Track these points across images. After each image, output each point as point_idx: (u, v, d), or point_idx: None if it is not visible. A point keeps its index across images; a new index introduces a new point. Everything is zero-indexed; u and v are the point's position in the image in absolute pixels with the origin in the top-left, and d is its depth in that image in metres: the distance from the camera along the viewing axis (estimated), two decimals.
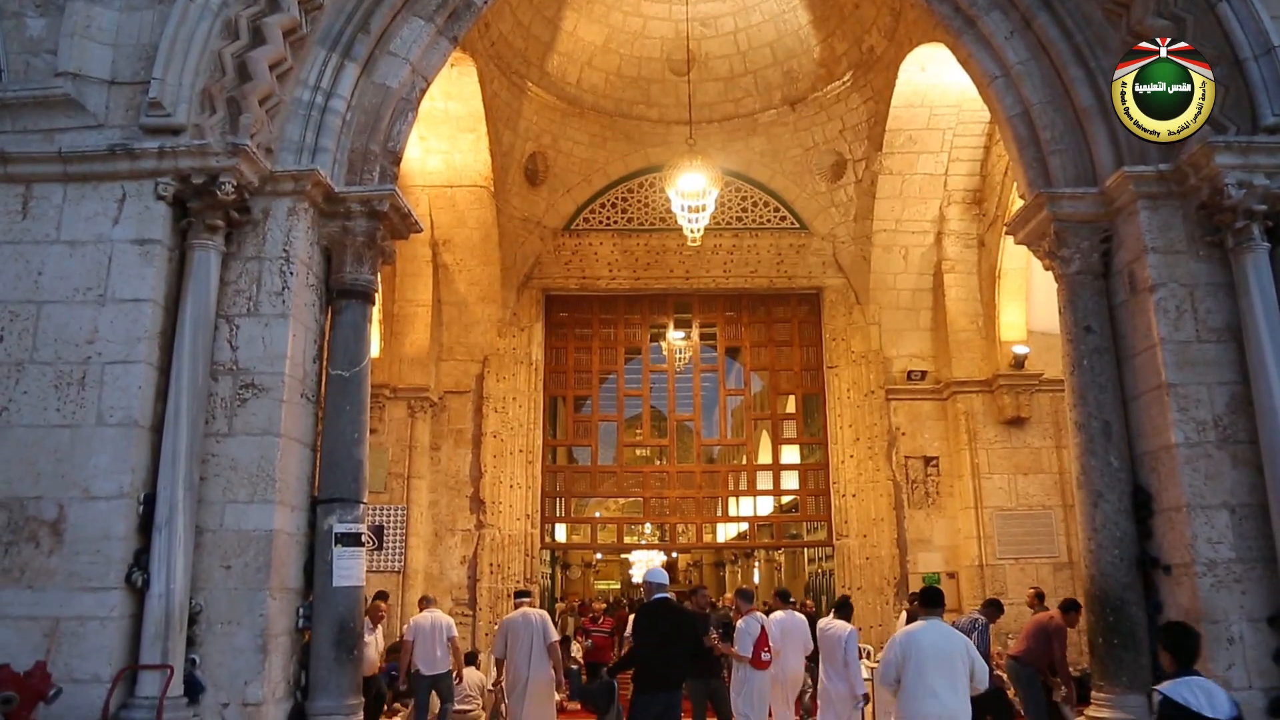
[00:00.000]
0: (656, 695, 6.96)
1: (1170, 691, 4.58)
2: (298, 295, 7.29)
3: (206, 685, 6.58)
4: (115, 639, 6.28)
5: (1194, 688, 4.63)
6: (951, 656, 6.10)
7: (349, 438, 7.52)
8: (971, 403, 13.69)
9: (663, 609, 7.37)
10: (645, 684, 7.04)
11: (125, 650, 6.35)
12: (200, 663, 6.60)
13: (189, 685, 6.50)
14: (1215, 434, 7.22)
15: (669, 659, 7.10)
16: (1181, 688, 4.62)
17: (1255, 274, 7.20)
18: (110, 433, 6.54)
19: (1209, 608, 6.95)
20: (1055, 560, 13.22)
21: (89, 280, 6.81)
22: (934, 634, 6.25)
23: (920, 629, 6.36)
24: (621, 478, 15.55)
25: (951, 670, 6.04)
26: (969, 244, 14.05)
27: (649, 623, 7.31)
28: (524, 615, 8.80)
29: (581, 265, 14.99)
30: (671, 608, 7.52)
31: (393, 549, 13.34)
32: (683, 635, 7.26)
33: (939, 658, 6.06)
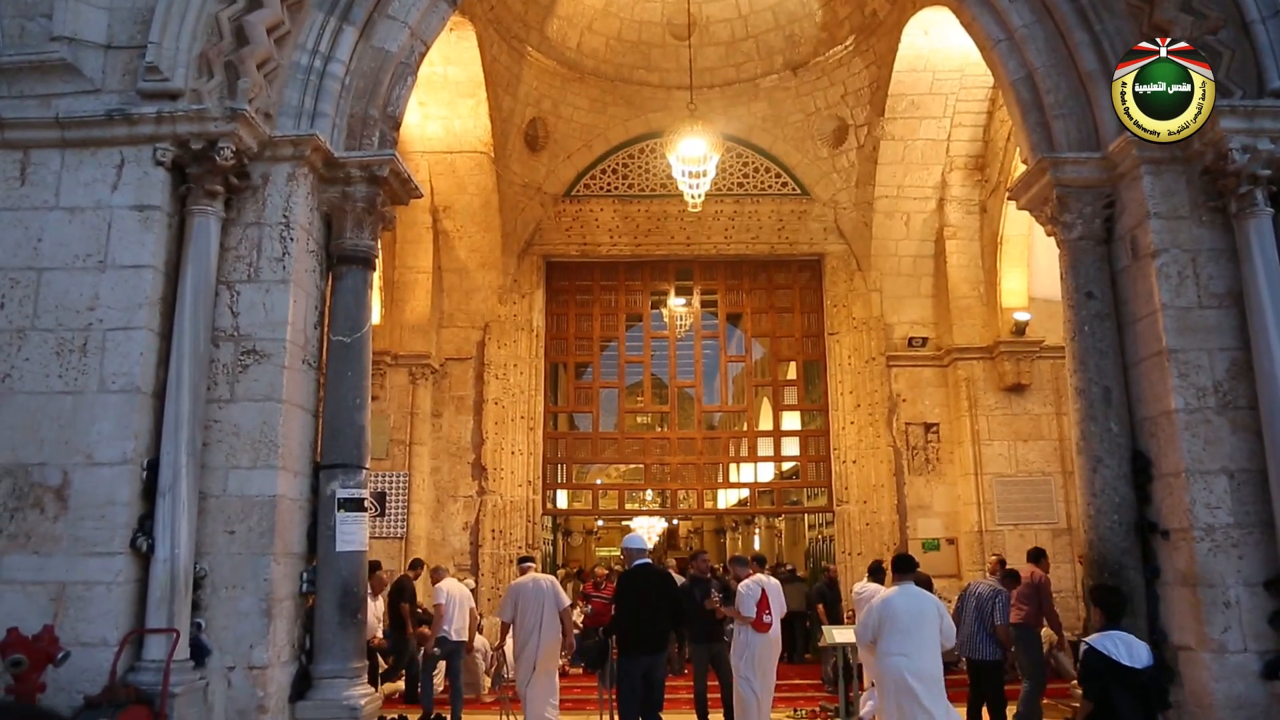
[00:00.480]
0: (639, 658, 7.22)
1: (1095, 643, 5.11)
2: (298, 261, 7.28)
3: (212, 649, 6.65)
4: (121, 603, 6.34)
5: (1116, 640, 5.15)
6: (923, 619, 6.58)
7: (351, 403, 7.54)
8: (972, 369, 13.70)
9: (643, 574, 7.58)
10: (628, 646, 7.29)
11: (131, 614, 6.42)
12: (205, 626, 6.68)
13: (195, 649, 6.58)
14: (1215, 400, 7.24)
15: (650, 622, 7.31)
16: (1105, 640, 5.12)
17: (1258, 240, 7.18)
18: (113, 399, 6.56)
19: (1206, 572, 7.01)
20: (1054, 526, 13.29)
21: (89, 247, 6.80)
22: (907, 598, 6.68)
23: (895, 594, 6.74)
24: (623, 444, 15.60)
25: (923, 631, 6.52)
26: (971, 210, 14.00)
27: (630, 588, 7.48)
28: (534, 581, 8.88)
29: (582, 231, 14.95)
30: (652, 573, 7.72)
31: (395, 515, 13.42)
32: (663, 599, 7.46)
33: (912, 620, 6.52)
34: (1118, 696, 4.85)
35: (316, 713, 6.99)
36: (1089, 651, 5.14)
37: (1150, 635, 7.46)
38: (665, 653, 7.58)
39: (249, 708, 6.62)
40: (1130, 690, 4.86)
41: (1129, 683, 4.86)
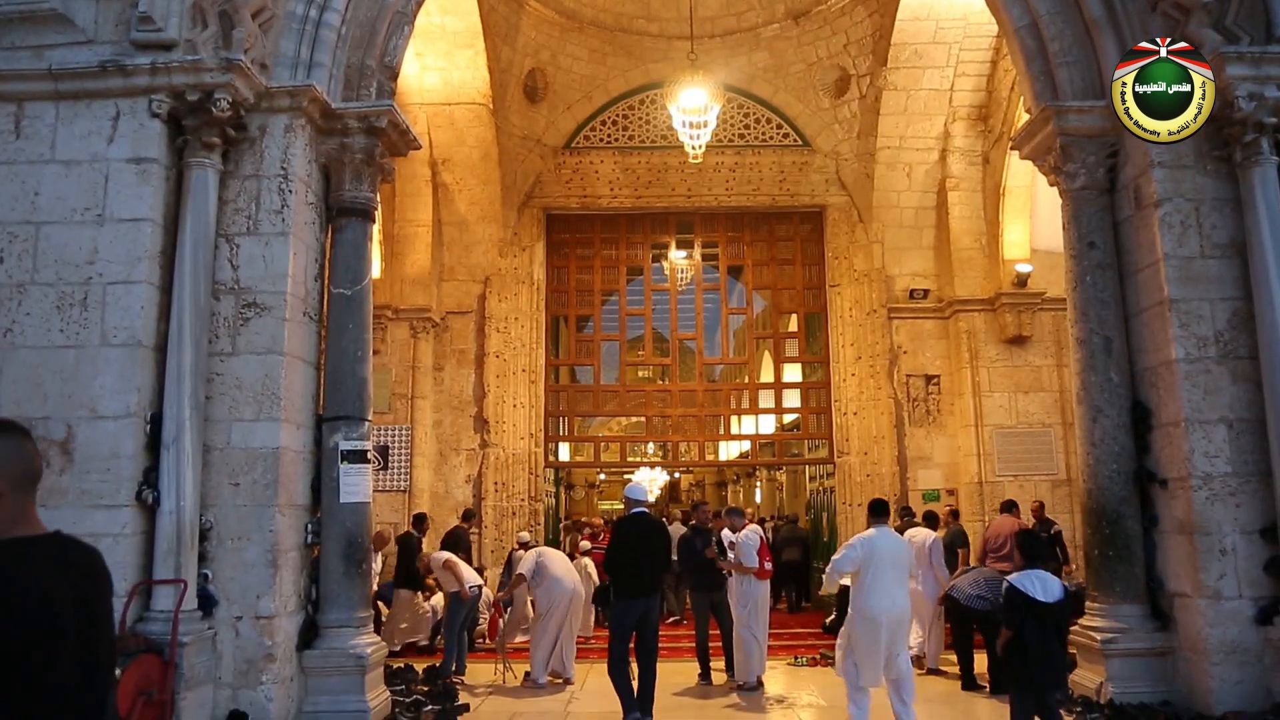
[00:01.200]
0: (634, 601, 7.39)
1: (1015, 581, 5.85)
2: (297, 213, 7.26)
3: (219, 599, 6.74)
4: (129, 555, 6.41)
5: (1033, 578, 5.83)
6: (900, 560, 7.08)
7: (352, 356, 7.56)
8: (973, 321, 13.68)
9: (639, 522, 7.75)
10: (624, 590, 7.48)
11: (139, 566, 6.50)
12: (212, 578, 6.76)
13: (202, 599, 6.67)
14: (1216, 350, 7.25)
15: (645, 567, 7.50)
16: (1024, 579, 5.82)
17: (1262, 189, 7.15)
18: (114, 353, 6.57)
19: (1203, 520, 7.08)
20: (1054, 478, 13.37)
21: (86, 200, 6.77)
22: (887, 540, 7.12)
23: (876, 535, 7.09)
24: (624, 397, 15.65)
25: (900, 571, 7.03)
26: (973, 161, 13.88)
27: (626, 534, 7.68)
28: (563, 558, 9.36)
29: (582, 184, 14.85)
30: (647, 520, 7.89)
31: (398, 469, 13.50)
32: (656, 546, 7.67)
33: (893, 560, 6.98)
34: (1030, 625, 5.64)
35: (323, 661, 7.10)
36: (1009, 588, 5.85)
37: (1147, 583, 7.57)
38: (659, 596, 7.78)
39: (257, 656, 6.72)
40: (1041, 620, 5.64)
41: (1041, 614, 5.62)
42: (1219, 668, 6.90)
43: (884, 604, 6.79)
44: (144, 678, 6.03)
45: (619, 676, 7.23)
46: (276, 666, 6.78)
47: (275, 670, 6.77)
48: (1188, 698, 7.14)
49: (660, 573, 7.75)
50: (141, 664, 6.03)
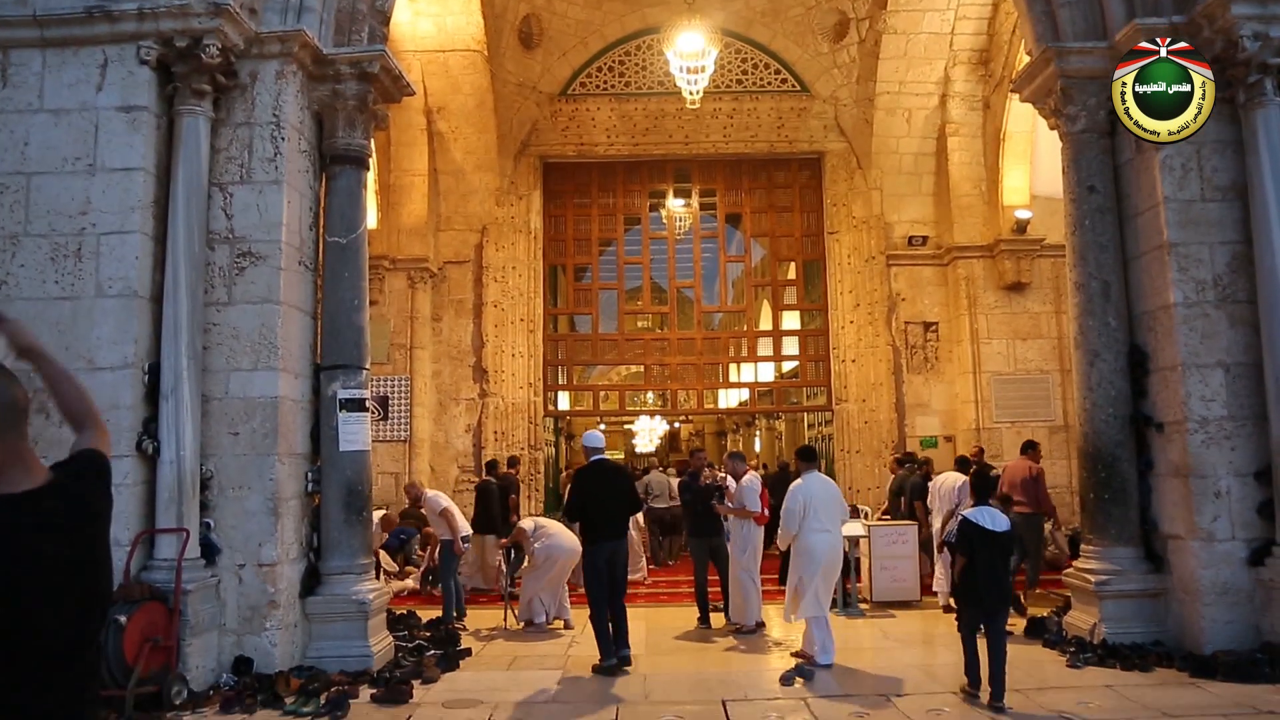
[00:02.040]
0: (603, 545, 7.69)
1: (968, 515, 6.52)
2: (290, 161, 7.19)
3: (222, 547, 6.81)
4: (131, 505, 6.45)
5: (984, 513, 6.49)
6: (832, 499, 7.79)
7: (349, 304, 7.54)
8: (972, 268, 13.64)
9: (600, 469, 7.99)
10: (592, 536, 7.77)
11: (141, 515, 6.55)
12: (214, 526, 6.82)
13: (205, 548, 6.73)
14: (1214, 293, 7.24)
15: (610, 511, 7.78)
16: (976, 513, 6.48)
17: (1265, 131, 7.09)
18: (110, 304, 6.56)
19: (1198, 463, 7.12)
20: (1051, 424, 13.42)
21: (77, 150, 6.71)
22: (818, 483, 7.85)
23: (808, 480, 7.84)
24: (623, 346, 15.63)
25: (833, 510, 7.75)
26: (974, 106, 13.73)
27: (589, 481, 7.92)
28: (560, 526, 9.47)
29: (579, 131, 14.71)
30: (608, 467, 8.16)
31: (398, 419, 13.55)
32: (618, 489, 7.95)
33: (826, 501, 7.73)
34: (981, 552, 6.37)
35: (326, 607, 7.19)
36: (963, 521, 6.55)
37: (1141, 525, 7.64)
38: (626, 539, 8.11)
39: (260, 603, 6.80)
40: (991, 548, 6.36)
41: (990, 543, 6.35)
42: (1210, 608, 6.99)
43: (820, 538, 7.58)
44: (149, 625, 6.12)
45: (599, 622, 7.54)
46: (280, 613, 6.86)
47: (279, 617, 6.85)
48: (1179, 637, 7.24)
49: (625, 515, 8.03)
50: (147, 611, 6.11)
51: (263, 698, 6.34)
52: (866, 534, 10.37)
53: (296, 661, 7.00)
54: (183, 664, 6.32)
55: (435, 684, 7.01)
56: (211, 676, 6.56)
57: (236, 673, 6.64)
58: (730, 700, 6.46)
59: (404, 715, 6.21)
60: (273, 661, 6.76)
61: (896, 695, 6.53)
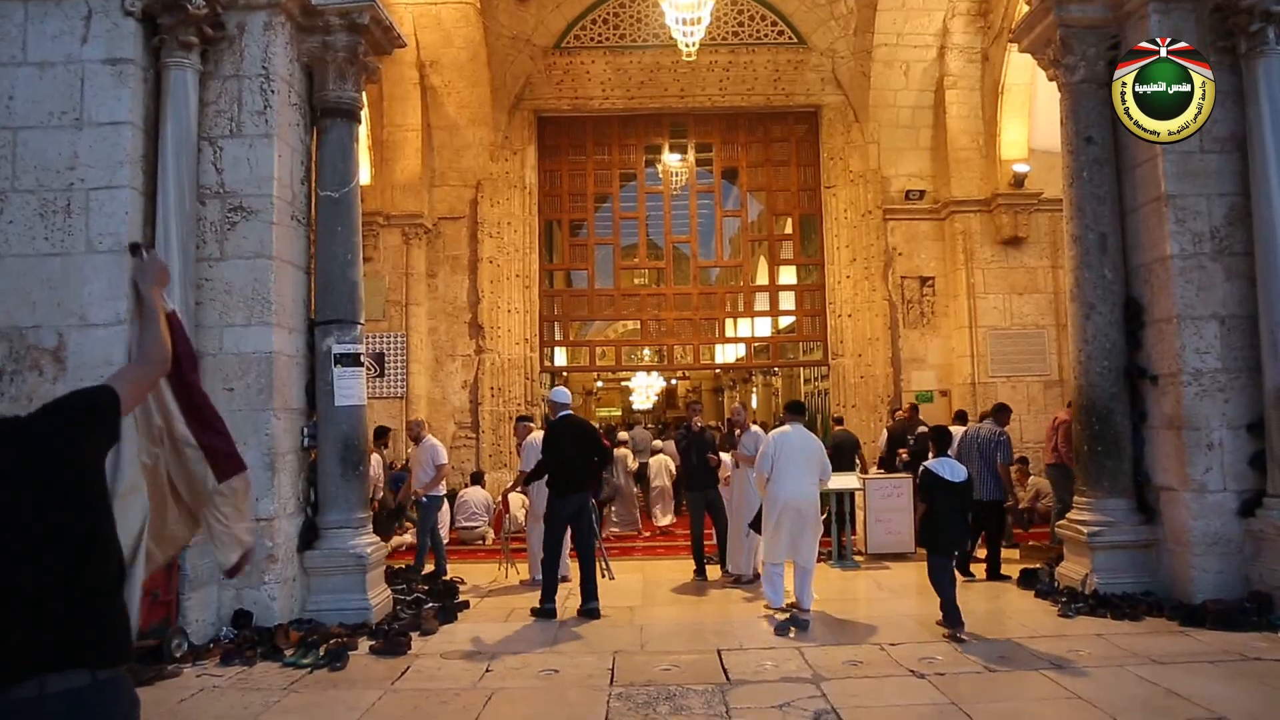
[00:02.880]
0: (570, 497, 7.96)
1: (930, 465, 7.11)
2: (281, 114, 7.11)
3: None
4: None
5: (944, 464, 7.06)
6: (810, 454, 7.82)
7: (342, 259, 7.51)
8: (969, 222, 13.58)
9: (567, 424, 8.26)
10: (559, 489, 8.01)
11: None
12: None
13: None
14: (1211, 246, 7.22)
15: (576, 465, 8.04)
16: (937, 465, 7.05)
17: (1266, 81, 7.02)
18: (101, 259, 6.51)
19: (1192, 415, 7.15)
20: (1046, 378, 13.45)
21: (63, 104, 6.62)
22: (798, 436, 7.89)
23: (789, 431, 7.91)
24: (619, 301, 15.58)
25: (809, 464, 7.76)
26: (972, 59, 13.57)
27: (556, 436, 8.16)
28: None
29: (574, 85, 14.54)
30: (574, 422, 8.44)
31: (395, 375, 13.56)
32: (584, 444, 8.16)
33: (803, 454, 7.77)
34: (941, 500, 6.94)
35: (324, 561, 7.24)
36: (925, 471, 7.12)
37: (1134, 477, 7.69)
38: (590, 492, 8.36)
39: (259, 557, 6.82)
40: (949, 496, 6.94)
41: (949, 491, 6.92)
42: (1201, 558, 7.06)
43: (789, 489, 7.63)
44: (149, 580, 6.14)
45: (551, 570, 7.84)
46: (279, 567, 6.91)
47: (277, 570, 6.90)
48: (1169, 587, 7.32)
49: (591, 469, 8.23)
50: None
51: (262, 650, 6.40)
52: (862, 487, 10.44)
53: (295, 615, 7.06)
54: (182, 618, 6.38)
55: (433, 636, 7.08)
56: (211, 630, 6.62)
57: (236, 626, 6.71)
58: (725, 650, 6.53)
59: (402, 666, 6.28)
60: (272, 615, 6.82)
61: (890, 644, 6.61)
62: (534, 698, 5.64)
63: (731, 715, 5.13)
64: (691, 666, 6.15)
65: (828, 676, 5.83)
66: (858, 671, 5.99)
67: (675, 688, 5.65)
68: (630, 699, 5.42)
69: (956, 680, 5.72)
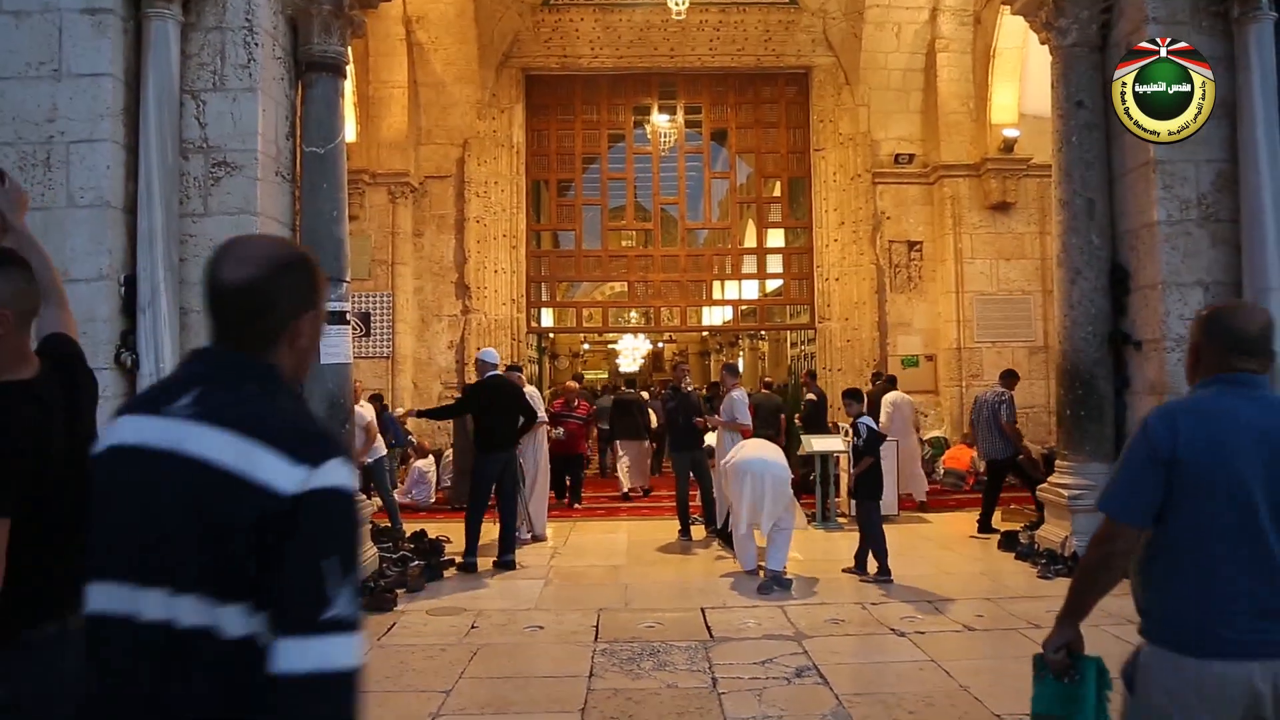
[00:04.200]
0: (495, 455, 8.26)
1: (865, 421, 8.00)
2: (265, 68, 7.00)
3: None
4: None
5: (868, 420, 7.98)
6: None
7: (328, 216, 7.44)
8: (958, 187, 13.56)
9: (493, 384, 8.50)
10: (485, 446, 8.31)
11: None
12: None
13: None
14: (1198, 212, 7.23)
15: (501, 424, 8.32)
16: (863, 420, 7.90)
17: (1257, 47, 6.98)
18: (83, 214, 6.42)
19: (1175, 382, 7.19)
20: (1031, 344, 13.52)
21: (41, 54, 6.47)
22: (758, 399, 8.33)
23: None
24: (606, 263, 15.52)
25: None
26: (964, 21, 13.47)
27: (483, 396, 8.42)
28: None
29: (562, 43, 14.37)
30: (500, 382, 8.64)
31: (380, 335, 13.51)
32: (509, 404, 8.44)
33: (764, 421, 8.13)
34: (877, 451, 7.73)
35: None
36: (868, 426, 7.85)
37: (1116, 442, 7.75)
38: (515, 450, 8.61)
39: None
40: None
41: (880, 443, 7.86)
42: None
43: (748, 454, 7.72)
44: None
45: (474, 524, 8.09)
46: None
47: None
48: None
49: (516, 429, 8.49)
50: None
51: None
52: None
53: None
54: None
55: (419, 593, 7.13)
56: None
57: None
58: (709, 608, 6.61)
59: (388, 623, 6.32)
60: None
61: (871, 603, 6.70)
62: (519, 653, 5.70)
63: (714, 671, 5.20)
64: (675, 624, 6.22)
65: (810, 634, 5.91)
66: (839, 630, 6.08)
67: (659, 644, 5.72)
68: (615, 655, 5.49)
69: (937, 639, 5.80)
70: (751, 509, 7.58)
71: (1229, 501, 2.20)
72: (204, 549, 1.32)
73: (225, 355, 1.49)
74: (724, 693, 4.86)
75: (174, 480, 1.36)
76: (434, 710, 4.66)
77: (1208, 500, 2.21)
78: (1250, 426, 2.23)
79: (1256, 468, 2.20)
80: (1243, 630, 2.16)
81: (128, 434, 1.46)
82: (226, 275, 1.48)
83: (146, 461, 1.40)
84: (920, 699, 4.80)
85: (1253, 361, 2.31)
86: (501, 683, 5.15)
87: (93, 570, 1.42)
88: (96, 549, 1.43)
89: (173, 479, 1.37)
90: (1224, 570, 2.19)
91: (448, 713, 4.65)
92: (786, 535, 7.57)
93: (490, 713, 4.68)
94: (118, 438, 1.47)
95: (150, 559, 1.36)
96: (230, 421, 1.38)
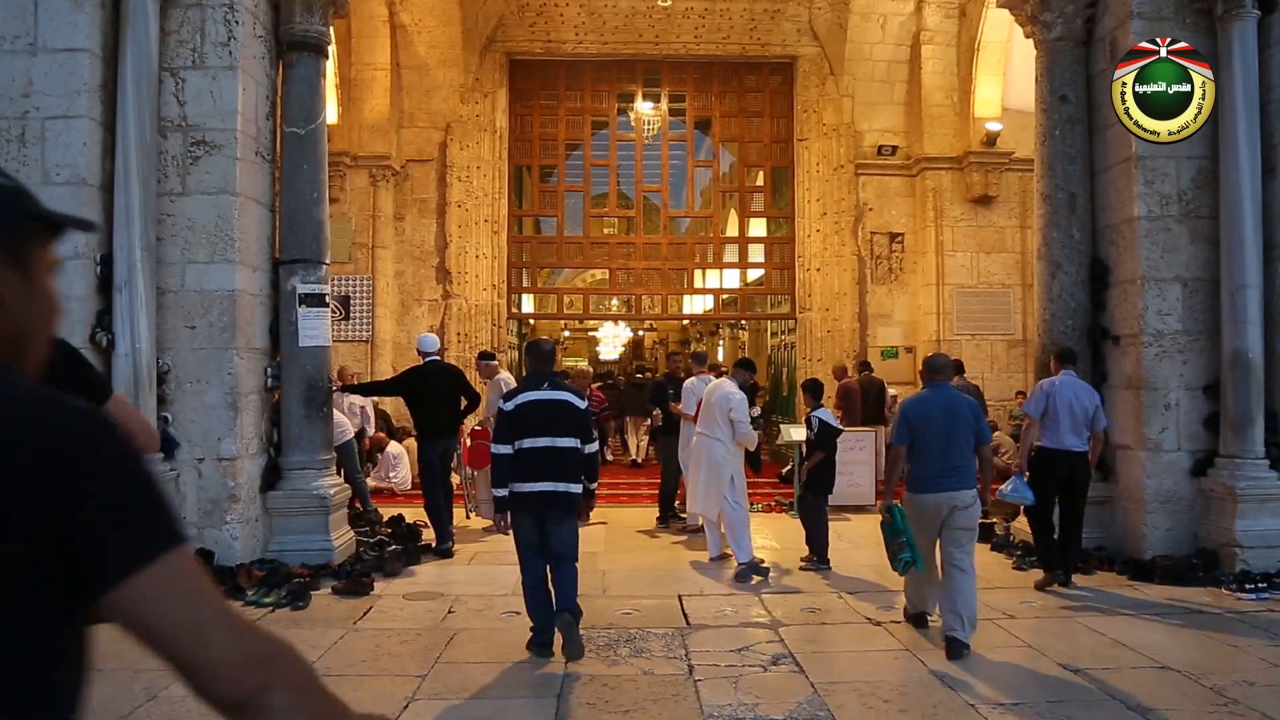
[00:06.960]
0: (435, 441, 8.33)
1: (820, 414, 7.96)
2: (245, 46, 6.92)
3: (180, 441, 6.76)
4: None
5: (824, 413, 8.02)
6: (710, 407, 7.89)
7: (308, 197, 7.38)
8: (940, 179, 13.59)
9: (432, 370, 8.52)
10: (425, 432, 8.45)
11: None
12: (172, 420, 6.75)
13: (164, 442, 6.67)
14: (1178, 208, 7.29)
15: (440, 409, 8.37)
16: (821, 412, 7.99)
17: (1240, 44, 7.04)
18: (58, 191, 6.33)
19: (1151, 375, 7.27)
20: (1010, 338, 13.60)
21: (16, 27, 6.37)
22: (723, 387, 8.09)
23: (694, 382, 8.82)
24: (588, 250, 15.46)
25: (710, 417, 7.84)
26: (950, 13, 13.47)
27: (421, 381, 8.45)
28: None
29: (546, 28, 14.27)
30: (440, 368, 8.69)
31: (360, 319, 13.41)
32: (448, 390, 8.47)
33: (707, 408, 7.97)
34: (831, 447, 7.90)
35: (287, 502, 7.22)
36: (820, 420, 7.89)
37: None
38: (456, 435, 8.69)
39: (221, 497, 6.80)
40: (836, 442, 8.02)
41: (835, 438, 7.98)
42: (1153, 515, 7.23)
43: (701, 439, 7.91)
44: None
45: (435, 510, 8.16)
46: (240, 507, 6.88)
47: (239, 510, 6.87)
48: (1121, 543, 7.50)
49: (459, 414, 8.55)
50: None
51: (224, 589, 6.37)
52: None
53: (258, 555, 7.04)
54: None
55: (396, 578, 7.11)
56: None
57: None
58: (686, 595, 6.62)
59: (365, 607, 6.30)
60: (234, 555, 6.80)
61: (848, 593, 6.73)
62: (496, 638, 5.69)
63: (691, 658, 5.22)
64: (652, 611, 6.23)
65: (786, 623, 5.93)
66: (815, 619, 6.11)
67: (636, 631, 5.73)
68: (591, 641, 5.49)
69: (912, 629, 5.84)
70: (692, 495, 8.04)
71: (933, 434, 5.39)
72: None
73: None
74: (700, 680, 4.87)
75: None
76: (410, 695, 4.65)
77: (925, 434, 5.41)
78: (938, 404, 5.49)
79: (940, 421, 5.41)
80: (935, 481, 5.39)
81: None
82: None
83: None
84: (894, 688, 4.83)
85: (941, 376, 5.73)
86: (478, 668, 5.15)
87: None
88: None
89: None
90: (931, 459, 5.40)
91: (423, 697, 4.64)
92: (741, 523, 7.48)
93: (466, 698, 4.68)
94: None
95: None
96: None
